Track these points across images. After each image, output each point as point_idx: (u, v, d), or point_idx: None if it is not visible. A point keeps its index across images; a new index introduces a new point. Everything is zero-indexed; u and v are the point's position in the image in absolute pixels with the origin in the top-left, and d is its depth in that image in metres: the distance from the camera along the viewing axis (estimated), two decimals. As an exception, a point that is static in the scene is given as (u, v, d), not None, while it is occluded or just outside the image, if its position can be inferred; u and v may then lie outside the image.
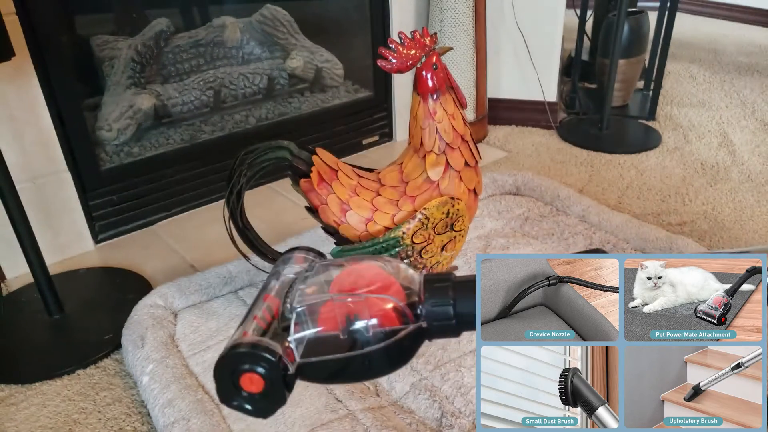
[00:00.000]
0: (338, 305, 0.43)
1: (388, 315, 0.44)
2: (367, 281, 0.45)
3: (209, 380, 0.98)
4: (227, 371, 0.44)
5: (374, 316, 0.44)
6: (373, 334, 0.44)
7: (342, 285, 0.45)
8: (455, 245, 0.99)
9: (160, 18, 1.62)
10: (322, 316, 0.44)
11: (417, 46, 0.92)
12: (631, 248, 1.28)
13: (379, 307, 0.43)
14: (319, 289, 0.45)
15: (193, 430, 0.86)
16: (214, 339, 1.07)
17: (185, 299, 1.16)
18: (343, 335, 0.44)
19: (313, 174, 0.96)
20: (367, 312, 0.43)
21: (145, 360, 0.99)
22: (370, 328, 0.44)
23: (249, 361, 0.42)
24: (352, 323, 0.43)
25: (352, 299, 0.44)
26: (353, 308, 0.43)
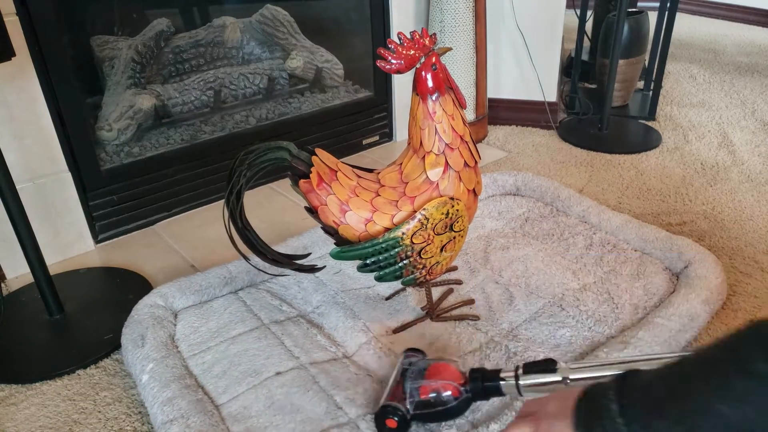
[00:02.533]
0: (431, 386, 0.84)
1: (454, 390, 0.83)
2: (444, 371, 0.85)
3: (209, 381, 0.98)
4: (381, 416, 0.85)
5: (447, 389, 0.83)
6: (446, 399, 0.83)
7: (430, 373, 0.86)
8: (455, 245, 0.99)
9: (160, 18, 1.62)
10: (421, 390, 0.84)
11: (416, 47, 0.92)
12: (632, 249, 1.28)
13: (449, 386, 0.83)
14: (418, 376, 0.86)
15: (192, 427, 0.86)
16: (214, 340, 1.07)
17: (185, 299, 1.16)
18: (432, 400, 0.83)
19: (312, 174, 0.96)
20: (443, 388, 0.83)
21: (145, 359, 0.99)
22: (445, 397, 0.83)
23: (391, 412, 0.84)
24: (436, 394, 0.83)
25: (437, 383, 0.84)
26: (436, 386, 0.84)
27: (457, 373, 0.84)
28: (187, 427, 0.85)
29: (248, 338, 1.07)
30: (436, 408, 0.83)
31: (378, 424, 0.85)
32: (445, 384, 0.83)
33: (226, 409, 0.92)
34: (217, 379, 0.98)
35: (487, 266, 1.25)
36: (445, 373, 0.84)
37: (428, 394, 0.83)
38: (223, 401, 0.94)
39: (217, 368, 1.00)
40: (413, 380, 0.85)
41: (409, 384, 0.85)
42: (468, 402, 0.84)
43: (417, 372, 0.86)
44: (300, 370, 0.99)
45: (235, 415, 0.91)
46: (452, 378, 0.83)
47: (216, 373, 0.99)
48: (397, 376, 0.88)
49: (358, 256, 0.97)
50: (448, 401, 0.83)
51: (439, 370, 0.85)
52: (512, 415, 0.85)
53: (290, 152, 0.97)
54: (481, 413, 0.90)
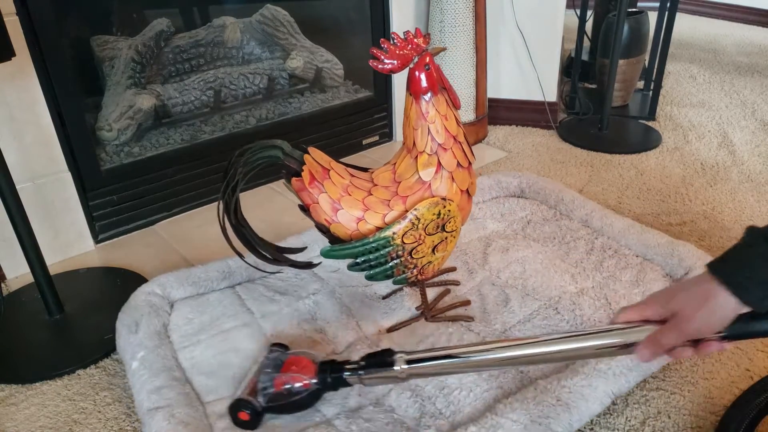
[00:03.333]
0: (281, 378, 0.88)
1: (305, 382, 0.88)
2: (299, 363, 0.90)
3: (196, 379, 0.99)
4: (234, 409, 0.87)
5: (298, 381, 0.88)
6: (297, 390, 0.88)
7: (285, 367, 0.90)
8: (447, 246, 0.99)
9: (160, 18, 1.62)
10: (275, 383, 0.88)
11: (409, 47, 0.92)
12: (633, 254, 1.27)
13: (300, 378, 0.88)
14: (274, 369, 0.90)
15: (177, 417, 0.86)
16: (206, 333, 1.08)
17: (183, 290, 1.17)
18: (284, 392, 0.88)
19: (304, 173, 0.97)
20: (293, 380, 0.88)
21: (137, 346, 1.00)
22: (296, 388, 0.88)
23: (243, 405, 0.87)
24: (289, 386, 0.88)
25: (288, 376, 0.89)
26: (287, 379, 0.88)
27: (311, 366, 0.89)
28: (172, 416, 0.86)
29: (238, 335, 1.08)
30: (288, 400, 0.88)
31: (232, 417, 0.88)
32: (295, 377, 0.87)
33: (211, 407, 0.93)
34: (206, 377, 0.99)
35: (485, 268, 1.25)
36: (298, 366, 0.89)
37: (281, 387, 0.87)
38: (209, 400, 0.95)
39: (206, 366, 1.01)
40: (268, 373, 0.89)
41: (264, 377, 0.89)
42: (317, 393, 0.89)
43: (273, 365, 0.90)
44: None
45: (218, 413, 0.92)
46: (305, 371, 0.88)
47: (204, 371, 1.00)
48: (258, 370, 0.91)
49: (349, 254, 0.97)
50: (300, 392, 0.87)
51: (293, 363, 0.90)
52: (493, 417, 0.85)
53: (283, 151, 0.98)
54: (462, 414, 0.90)
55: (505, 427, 0.83)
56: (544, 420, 0.83)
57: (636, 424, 0.90)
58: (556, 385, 0.88)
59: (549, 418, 0.84)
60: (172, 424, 0.85)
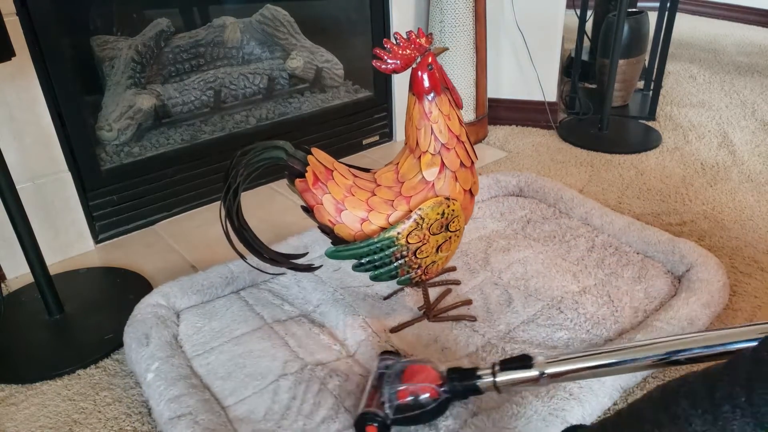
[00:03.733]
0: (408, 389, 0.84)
1: (432, 392, 0.83)
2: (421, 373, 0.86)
3: (214, 383, 0.98)
4: (360, 423, 0.84)
5: (425, 392, 0.84)
6: (425, 402, 0.83)
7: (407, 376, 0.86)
8: (450, 246, 0.99)
9: (160, 18, 1.62)
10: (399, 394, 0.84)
11: (412, 47, 0.92)
12: (634, 251, 1.27)
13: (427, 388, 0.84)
14: (396, 379, 0.86)
15: (200, 424, 0.85)
16: (217, 341, 1.07)
17: (187, 299, 1.16)
18: (412, 403, 0.84)
19: (308, 174, 0.96)
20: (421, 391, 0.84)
21: (150, 358, 0.98)
22: (424, 400, 0.84)
23: (370, 418, 0.83)
24: (416, 396, 0.84)
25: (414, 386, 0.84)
26: (414, 389, 0.84)
27: (435, 374, 0.85)
28: (196, 424, 0.85)
29: (251, 339, 1.07)
30: (415, 411, 0.83)
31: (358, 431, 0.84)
32: (423, 387, 0.83)
33: (232, 411, 0.92)
34: (223, 381, 0.98)
35: (486, 267, 1.25)
36: (422, 375, 0.84)
37: (407, 398, 0.83)
38: (229, 403, 0.94)
39: (222, 370, 1.00)
40: (391, 384, 0.85)
41: (387, 388, 0.85)
42: (447, 403, 0.84)
43: (394, 375, 0.86)
44: (306, 372, 0.99)
45: (242, 418, 0.91)
46: (430, 379, 0.84)
47: (221, 374, 0.99)
48: (374, 380, 0.88)
49: (353, 255, 0.97)
50: (427, 403, 0.83)
51: (416, 372, 0.85)
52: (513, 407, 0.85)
53: (286, 151, 0.97)
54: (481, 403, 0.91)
55: (526, 416, 0.84)
56: (560, 412, 0.85)
57: (637, 424, 0.90)
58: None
59: (564, 410, 0.85)
60: (197, 431, 0.84)
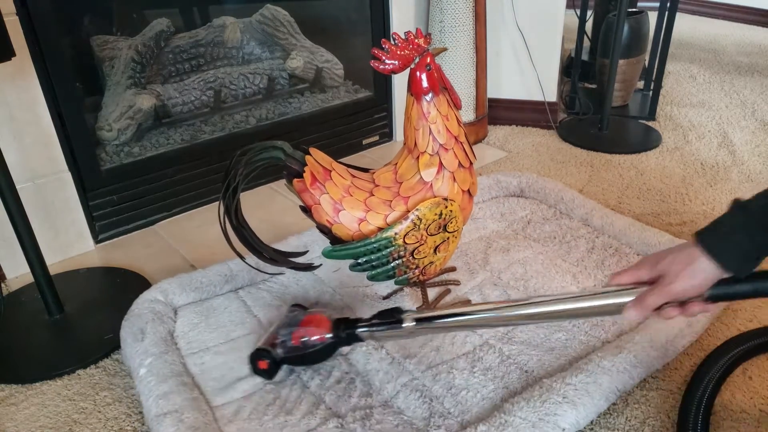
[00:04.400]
0: (299, 332, 0.96)
1: (320, 336, 0.95)
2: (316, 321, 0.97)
3: (206, 383, 0.98)
4: (254, 357, 0.95)
5: (312, 336, 0.95)
6: (313, 343, 0.95)
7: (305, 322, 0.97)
8: (448, 246, 0.99)
9: (160, 18, 1.62)
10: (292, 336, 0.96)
11: (410, 47, 0.92)
12: (634, 253, 1.27)
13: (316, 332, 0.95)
14: (293, 324, 0.98)
15: (185, 422, 0.86)
16: (213, 341, 1.08)
17: (185, 296, 1.17)
18: (301, 345, 0.95)
19: (306, 174, 0.96)
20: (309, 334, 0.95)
21: (144, 353, 0.99)
22: (311, 342, 0.95)
23: (262, 355, 0.95)
24: (306, 339, 0.95)
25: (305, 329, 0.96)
26: (304, 332, 0.95)
27: (327, 322, 0.96)
28: (180, 422, 0.86)
29: (247, 342, 1.07)
30: (303, 352, 0.95)
31: (252, 365, 0.95)
32: (312, 330, 0.95)
33: (219, 411, 0.93)
34: (215, 382, 0.98)
35: (486, 268, 1.25)
36: (315, 323, 0.96)
37: (298, 340, 0.95)
38: (218, 403, 0.94)
39: (216, 372, 1.01)
40: (287, 328, 0.97)
41: (283, 331, 0.96)
42: (331, 348, 0.96)
43: (293, 321, 0.98)
44: (292, 374, 0.99)
45: (228, 416, 0.92)
46: (321, 327, 0.95)
47: (214, 375, 1.00)
48: (276, 326, 0.99)
49: (350, 255, 0.97)
50: (314, 345, 0.94)
51: (311, 321, 0.97)
52: (502, 416, 0.85)
53: (285, 151, 0.98)
54: (471, 414, 0.90)
55: (514, 425, 0.83)
56: (552, 417, 0.84)
57: (636, 424, 0.90)
58: (561, 383, 0.89)
59: (556, 415, 0.84)
60: (180, 429, 0.85)
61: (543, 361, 0.99)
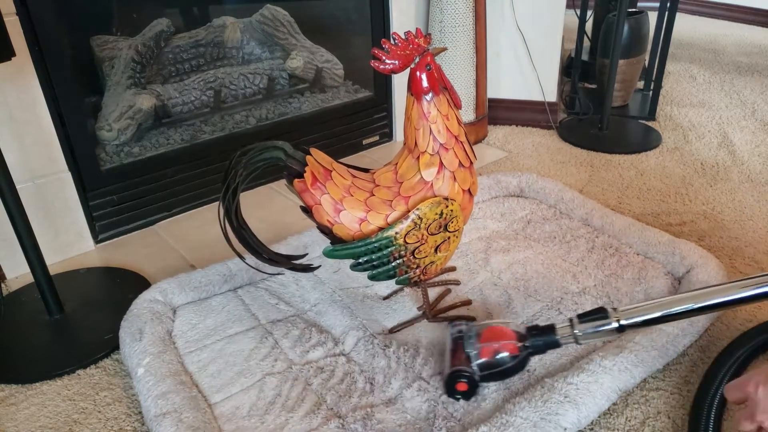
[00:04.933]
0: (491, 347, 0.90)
1: (513, 348, 0.90)
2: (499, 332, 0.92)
3: (204, 380, 0.98)
4: (451, 381, 0.90)
5: (507, 350, 0.90)
6: (507, 358, 0.89)
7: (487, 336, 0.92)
8: (449, 246, 0.99)
9: (160, 18, 1.62)
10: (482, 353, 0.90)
11: (410, 47, 0.92)
12: (634, 252, 1.27)
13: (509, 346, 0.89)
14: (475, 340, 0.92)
15: (185, 422, 0.86)
16: (211, 338, 1.08)
17: (184, 296, 1.17)
18: (495, 360, 0.90)
19: (306, 174, 0.96)
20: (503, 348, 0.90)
21: (142, 353, 1.00)
22: (506, 356, 0.90)
23: (460, 375, 0.89)
24: (498, 353, 0.90)
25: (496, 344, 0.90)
26: (497, 347, 0.90)
27: (511, 333, 0.91)
28: (180, 422, 0.86)
29: (244, 338, 1.08)
30: (498, 368, 0.90)
31: (448, 390, 0.90)
32: (504, 344, 0.90)
33: (218, 408, 0.93)
34: (212, 378, 0.99)
35: (486, 268, 1.25)
36: (500, 334, 0.91)
37: (491, 355, 0.90)
38: (216, 400, 0.94)
39: (212, 367, 1.01)
40: (472, 344, 0.91)
41: (469, 349, 0.91)
42: (527, 358, 0.91)
43: (474, 336, 0.92)
44: (294, 371, 0.99)
45: (227, 414, 0.92)
46: (508, 338, 0.90)
47: (211, 372, 1.00)
48: (451, 345, 0.94)
49: (351, 254, 0.97)
50: (509, 360, 0.90)
51: (494, 332, 0.92)
52: (503, 417, 0.85)
53: (285, 152, 0.97)
54: (473, 416, 0.90)
55: (515, 425, 0.83)
56: (553, 417, 0.84)
57: (636, 424, 0.90)
58: (562, 383, 0.89)
59: (558, 414, 0.84)
60: (180, 429, 0.85)
61: (544, 361, 0.99)
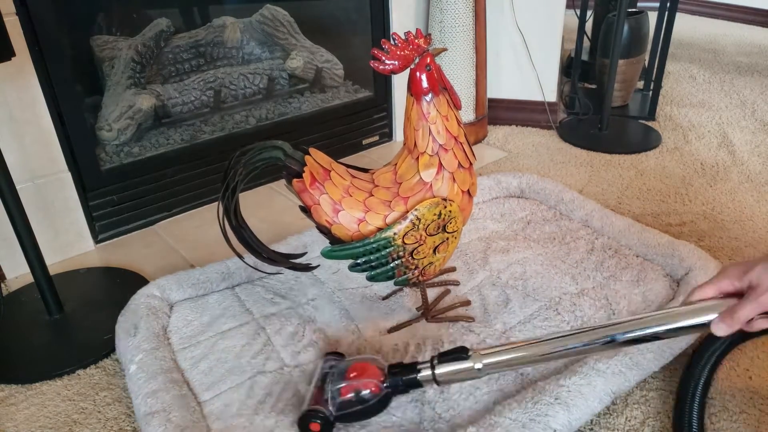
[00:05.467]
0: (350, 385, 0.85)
1: (374, 387, 0.86)
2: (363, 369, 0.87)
3: (195, 377, 0.99)
4: (304, 421, 0.85)
5: (367, 387, 0.85)
6: (366, 397, 0.85)
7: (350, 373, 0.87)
8: (448, 247, 0.99)
9: (160, 18, 1.62)
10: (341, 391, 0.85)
11: (410, 47, 0.92)
12: (633, 254, 1.27)
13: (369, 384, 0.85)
14: (339, 377, 0.87)
15: (173, 422, 0.86)
16: (205, 335, 1.08)
17: (182, 292, 1.17)
18: (354, 399, 0.85)
19: (305, 174, 0.97)
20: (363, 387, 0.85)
21: (135, 349, 1.00)
22: (366, 395, 0.85)
23: (312, 416, 0.84)
24: (358, 392, 0.85)
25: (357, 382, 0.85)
26: (357, 385, 0.85)
27: (377, 371, 0.87)
28: (168, 421, 0.86)
29: (237, 333, 1.08)
30: (357, 407, 0.85)
31: (302, 429, 0.85)
32: (365, 382, 0.85)
33: (208, 406, 0.93)
34: (203, 375, 0.99)
35: (486, 268, 1.25)
36: (365, 372, 0.87)
37: (349, 394, 0.85)
38: (206, 398, 0.95)
39: (204, 364, 1.01)
40: (333, 382, 0.87)
41: (329, 386, 0.87)
42: (388, 397, 0.86)
43: (338, 374, 0.88)
44: (284, 373, 0.99)
45: (216, 413, 0.92)
46: (372, 376, 0.86)
47: (202, 368, 1.00)
48: (318, 381, 0.89)
49: (349, 255, 0.97)
50: (369, 399, 0.85)
51: (359, 370, 0.87)
52: (492, 418, 0.85)
53: (284, 152, 0.98)
54: (462, 418, 0.90)
55: (503, 426, 0.83)
56: (543, 418, 0.83)
57: (636, 424, 0.90)
58: (554, 385, 0.88)
59: (548, 416, 0.84)
60: (168, 429, 0.85)
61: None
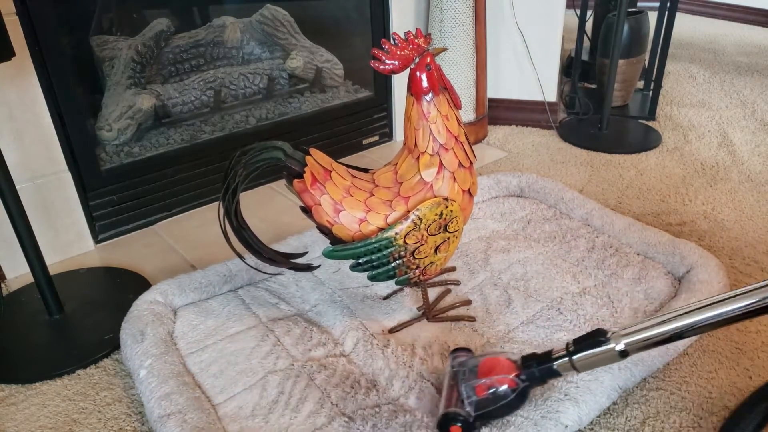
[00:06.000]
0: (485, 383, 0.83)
1: (510, 382, 0.83)
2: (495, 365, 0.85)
3: (206, 380, 0.98)
4: (443, 424, 0.82)
5: (503, 383, 0.82)
6: (504, 393, 0.82)
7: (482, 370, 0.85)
8: (449, 246, 0.99)
9: (160, 18, 1.62)
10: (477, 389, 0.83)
11: (410, 47, 0.92)
12: (634, 252, 1.27)
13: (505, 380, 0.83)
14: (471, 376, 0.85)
15: (189, 423, 0.86)
16: (212, 338, 1.08)
17: (185, 297, 1.17)
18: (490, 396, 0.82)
19: (306, 174, 0.96)
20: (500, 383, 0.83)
21: (143, 355, 0.99)
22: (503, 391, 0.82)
23: (452, 418, 0.82)
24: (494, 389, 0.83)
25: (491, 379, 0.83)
26: (492, 382, 0.83)
27: (510, 364, 0.84)
28: (185, 422, 0.86)
29: (245, 337, 1.08)
30: (495, 404, 0.83)
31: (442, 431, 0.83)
32: (499, 379, 0.83)
33: (222, 409, 0.93)
34: (214, 378, 0.99)
35: (486, 268, 1.25)
36: (497, 368, 0.84)
37: (485, 392, 0.83)
38: (219, 401, 0.94)
39: (215, 367, 1.01)
40: (467, 381, 0.85)
41: (464, 386, 0.84)
42: (526, 391, 0.84)
43: (469, 372, 0.85)
44: (296, 368, 0.99)
45: (231, 415, 0.92)
46: (506, 370, 0.83)
47: (213, 372, 1.00)
48: (450, 379, 0.88)
49: (351, 255, 0.97)
50: (507, 395, 0.82)
51: (490, 366, 0.85)
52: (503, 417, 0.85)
53: (285, 152, 0.98)
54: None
55: (516, 424, 0.84)
56: (554, 414, 0.84)
57: (636, 424, 0.90)
58: (562, 381, 0.89)
59: (558, 412, 0.85)
60: (185, 429, 0.85)
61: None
